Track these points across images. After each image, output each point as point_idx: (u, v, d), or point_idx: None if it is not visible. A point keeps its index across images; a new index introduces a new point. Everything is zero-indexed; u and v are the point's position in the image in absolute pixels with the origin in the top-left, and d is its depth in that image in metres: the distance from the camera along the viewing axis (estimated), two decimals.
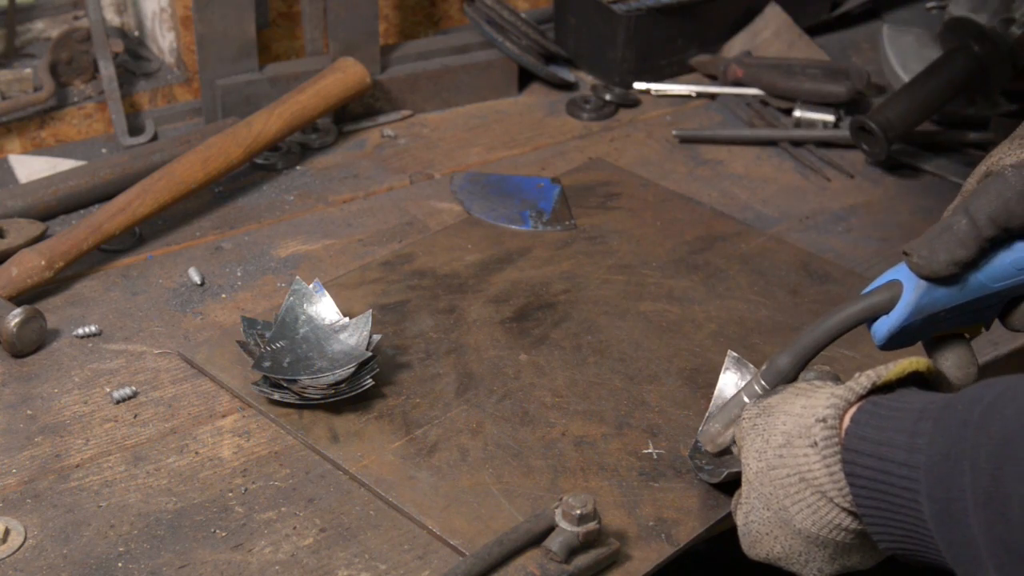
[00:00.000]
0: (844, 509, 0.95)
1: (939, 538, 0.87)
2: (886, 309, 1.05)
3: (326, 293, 1.27)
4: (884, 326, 1.05)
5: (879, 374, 0.96)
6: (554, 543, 1.02)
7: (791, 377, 1.06)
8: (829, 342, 1.07)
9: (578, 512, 1.01)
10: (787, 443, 0.97)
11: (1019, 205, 0.99)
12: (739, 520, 1.03)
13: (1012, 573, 0.81)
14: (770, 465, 0.98)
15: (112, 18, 1.81)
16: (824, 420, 0.95)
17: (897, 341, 1.06)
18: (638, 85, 1.87)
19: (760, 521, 1.00)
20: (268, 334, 1.24)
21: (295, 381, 1.18)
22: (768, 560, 1.02)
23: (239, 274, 1.42)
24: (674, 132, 1.74)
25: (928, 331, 1.07)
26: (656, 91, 1.87)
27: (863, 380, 0.96)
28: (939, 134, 1.76)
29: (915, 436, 0.89)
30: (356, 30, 1.74)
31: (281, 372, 1.19)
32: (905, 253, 1.03)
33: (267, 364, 1.19)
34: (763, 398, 1.05)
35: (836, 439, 0.94)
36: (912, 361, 0.97)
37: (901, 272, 1.04)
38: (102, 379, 1.24)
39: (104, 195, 1.50)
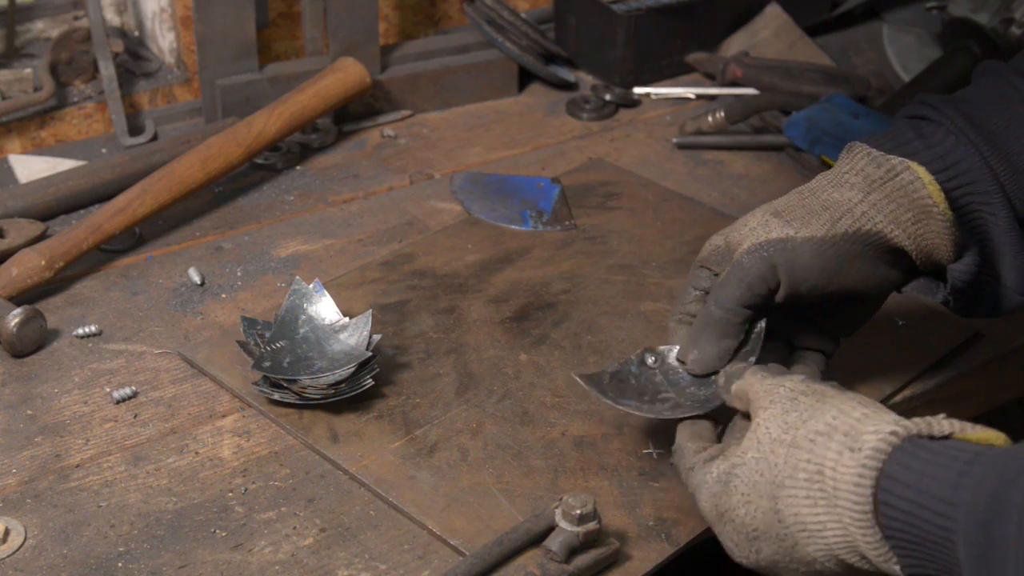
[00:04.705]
0: (839, 522, 0.90)
1: None
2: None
3: (326, 293, 1.27)
4: None
5: (962, 428, 0.88)
6: (554, 543, 1.02)
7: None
8: None
9: (578, 512, 1.01)
10: (827, 434, 0.91)
11: (760, 286, 1.07)
12: (717, 468, 0.97)
13: None
14: (795, 443, 0.92)
15: (112, 18, 1.81)
16: (878, 433, 0.88)
17: None
18: (637, 90, 1.87)
19: (746, 481, 0.95)
20: (268, 334, 1.24)
21: (295, 381, 1.18)
22: (717, 516, 0.97)
23: (239, 274, 1.42)
24: (674, 140, 1.74)
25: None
26: (656, 95, 1.87)
27: (945, 425, 0.88)
28: None
29: (963, 476, 0.83)
30: (356, 30, 1.74)
31: (281, 372, 1.19)
32: (680, 361, 1.11)
33: (267, 364, 1.19)
34: (816, 383, 0.99)
35: (883, 457, 0.88)
36: (997, 435, 0.89)
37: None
38: (102, 379, 1.24)
39: (104, 195, 1.50)
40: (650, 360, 1.13)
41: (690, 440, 1.03)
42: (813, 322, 1.14)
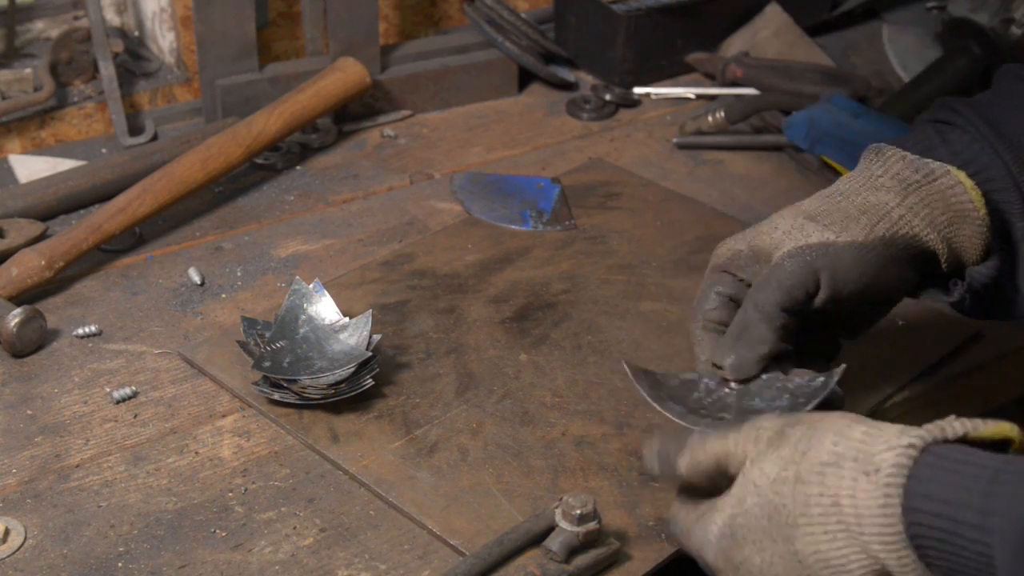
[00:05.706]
0: (864, 552, 0.85)
1: None
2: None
3: (326, 293, 1.27)
4: None
5: (976, 427, 0.85)
6: (554, 543, 1.02)
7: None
8: None
9: (578, 512, 1.01)
10: (834, 463, 0.87)
11: (800, 291, 1.05)
12: (715, 523, 0.94)
13: None
14: (799, 479, 0.88)
15: (112, 18, 1.81)
16: (893, 448, 0.84)
17: None
18: (637, 90, 1.87)
19: (753, 528, 0.91)
20: (268, 334, 1.24)
21: (295, 381, 1.18)
22: (733, 570, 0.93)
23: (239, 274, 1.42)
24: (674, 140, 1.74)
25: None
26: (656, 95, 1.87)
27: (957, 426, 0.85)
28: None
29: (989, 497, 0.80)
30: (356, 30, 1.74)
31: (281, 372, 1.19)
32: (716, 366, 1.06)
33: (267, 364, 1.19)
34: (798, 413, 0.96)
35: (905, 473, 0.84)
36: (1012, 427, 0.86)
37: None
38: (102, 379, 1.24)
39: (104, 195, 1.50)
40: (734, 384, 1.06)
41: (681, 506, 0.99)
42: (821, 326, 1.11)
